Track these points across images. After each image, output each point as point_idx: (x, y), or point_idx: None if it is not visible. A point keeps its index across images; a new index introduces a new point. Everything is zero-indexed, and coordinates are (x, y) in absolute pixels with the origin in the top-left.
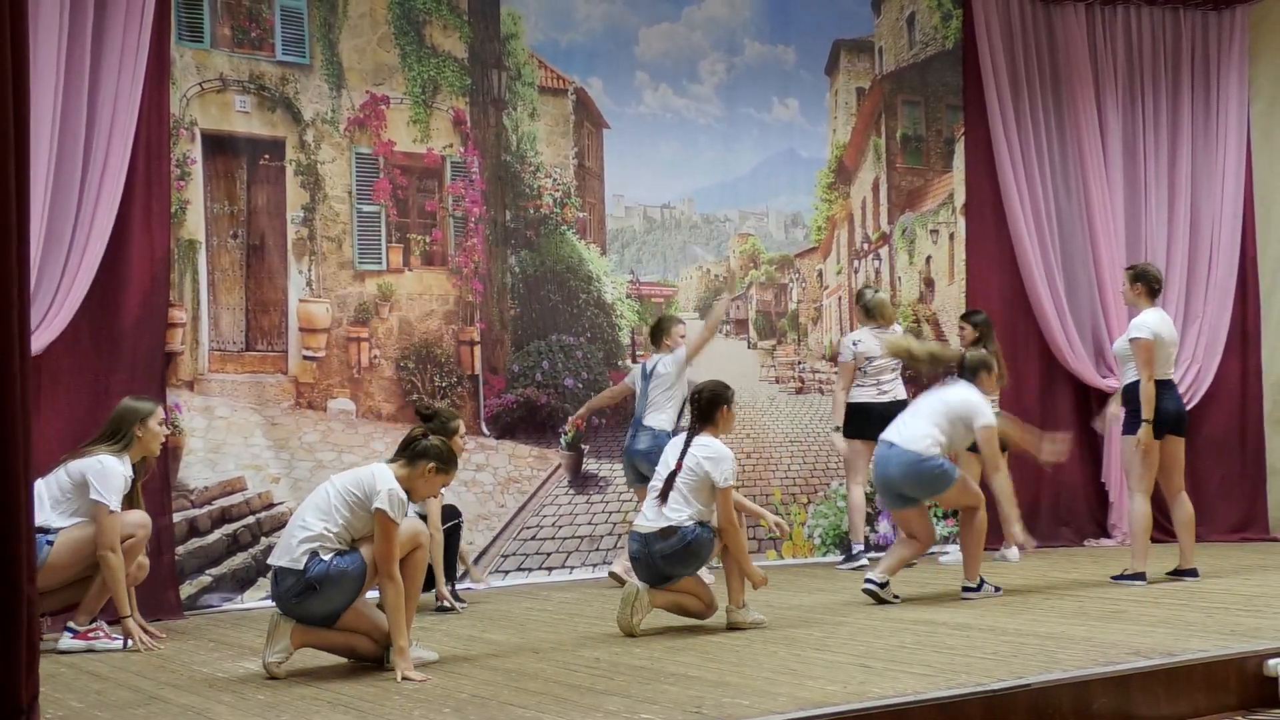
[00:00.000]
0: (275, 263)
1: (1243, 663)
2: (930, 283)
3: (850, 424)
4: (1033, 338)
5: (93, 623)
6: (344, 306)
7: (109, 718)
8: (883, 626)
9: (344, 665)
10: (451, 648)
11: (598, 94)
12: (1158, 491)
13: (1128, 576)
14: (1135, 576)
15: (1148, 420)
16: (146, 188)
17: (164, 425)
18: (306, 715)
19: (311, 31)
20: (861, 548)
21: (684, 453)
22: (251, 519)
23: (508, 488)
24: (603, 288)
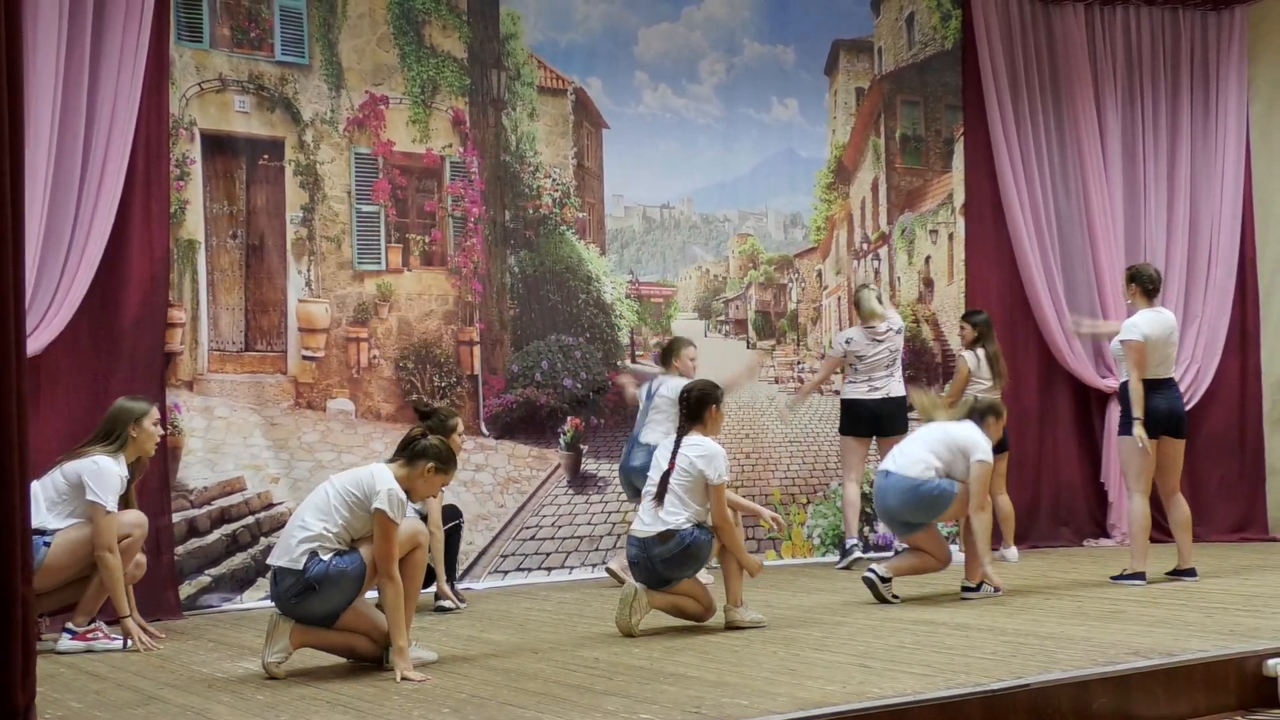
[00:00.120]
0: (274, 263)
1: (1242, 663)
2: (930, 283)
3: (843, 420)
4: (1032, 338)
5: (91, 623)
6: (343, 306)
7: (108, 718)
8: (882, 626)
9: (343, 665)
10: (451, 648)
11: (597, 94)
12: (1156, 492)
13: (1127, 576)
14: (1134, 576)
15: (1138, 419)
16: (146, 188)
17: (158, 425)
18: (306, 715)
19: (311, 32)
20: (855, 542)
21: (675, 452)
22: (251, 519)
23: (507, 488)
24: (602, 288)
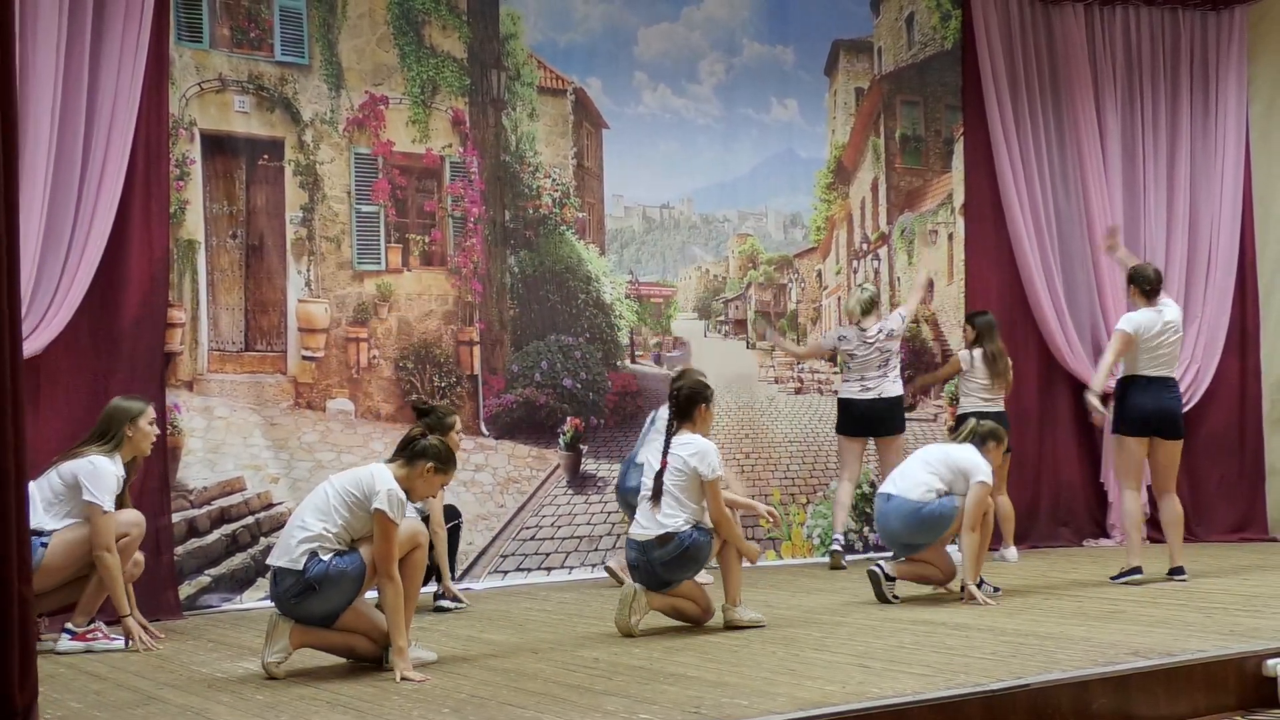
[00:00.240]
0: (274, 263)
1: (1241, 663)
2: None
3: (839, 419)
4: (1032, 338)
5: (91, 623)
6: (343, 307)
7: (108, 718)
8: (882, 626)
9: (343, 665)
10: (450, 648)
11: (597, 94)
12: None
13: (1125, 572)
14: (1132, 570)
15: (1092, 391)
16: (145, 188)
17: (154, 424)
18: (305, 715)
19: (310, 32)
20: (837, 537)
21: (666, 450)
22: (250, 519)
23: (507, 488)
24: (602, 288)
